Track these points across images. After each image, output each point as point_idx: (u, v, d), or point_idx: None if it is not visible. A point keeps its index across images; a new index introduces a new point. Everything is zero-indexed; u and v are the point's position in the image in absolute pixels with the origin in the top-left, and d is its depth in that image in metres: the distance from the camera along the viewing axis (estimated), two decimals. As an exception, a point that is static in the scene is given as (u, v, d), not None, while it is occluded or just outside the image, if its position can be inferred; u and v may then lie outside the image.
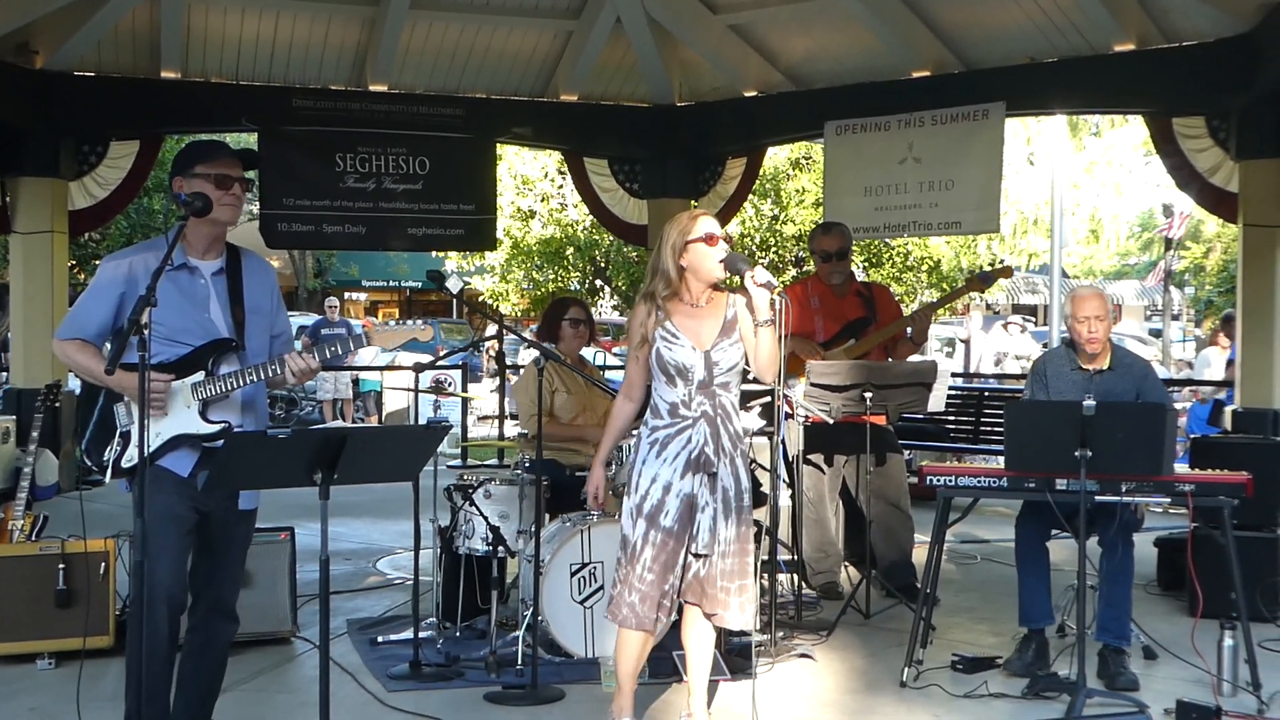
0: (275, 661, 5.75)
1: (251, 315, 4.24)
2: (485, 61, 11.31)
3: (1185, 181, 9.71)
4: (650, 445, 4.52)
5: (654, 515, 4.46)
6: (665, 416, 4.52)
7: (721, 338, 4.52)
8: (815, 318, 7.07)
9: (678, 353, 4.47)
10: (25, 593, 5.60)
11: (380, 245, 12.57)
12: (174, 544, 4.05)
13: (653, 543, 4.45)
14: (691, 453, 4.47)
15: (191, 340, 4.12)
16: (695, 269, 4.51)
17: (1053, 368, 5.83)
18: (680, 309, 4.55)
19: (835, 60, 10.92)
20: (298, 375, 4.11)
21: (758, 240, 18.89)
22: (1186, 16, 9.04)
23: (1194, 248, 30.00)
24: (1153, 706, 4.95)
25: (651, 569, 4.44)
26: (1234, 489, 5.17)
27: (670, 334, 4.50)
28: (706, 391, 4.50)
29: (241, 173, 4.20)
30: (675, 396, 4.50)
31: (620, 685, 4.65)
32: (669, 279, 4.53)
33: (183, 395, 4.09)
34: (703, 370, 4.48)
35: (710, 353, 4.49)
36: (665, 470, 4.47)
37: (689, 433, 4.48)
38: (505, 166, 18.86)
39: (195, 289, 4.18)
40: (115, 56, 10.54)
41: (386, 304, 36.63)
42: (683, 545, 4.46)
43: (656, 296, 4.54)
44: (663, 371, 4.51)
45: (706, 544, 4.46)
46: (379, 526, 9.24)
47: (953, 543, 8.46)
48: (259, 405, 4.33)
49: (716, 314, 4.57)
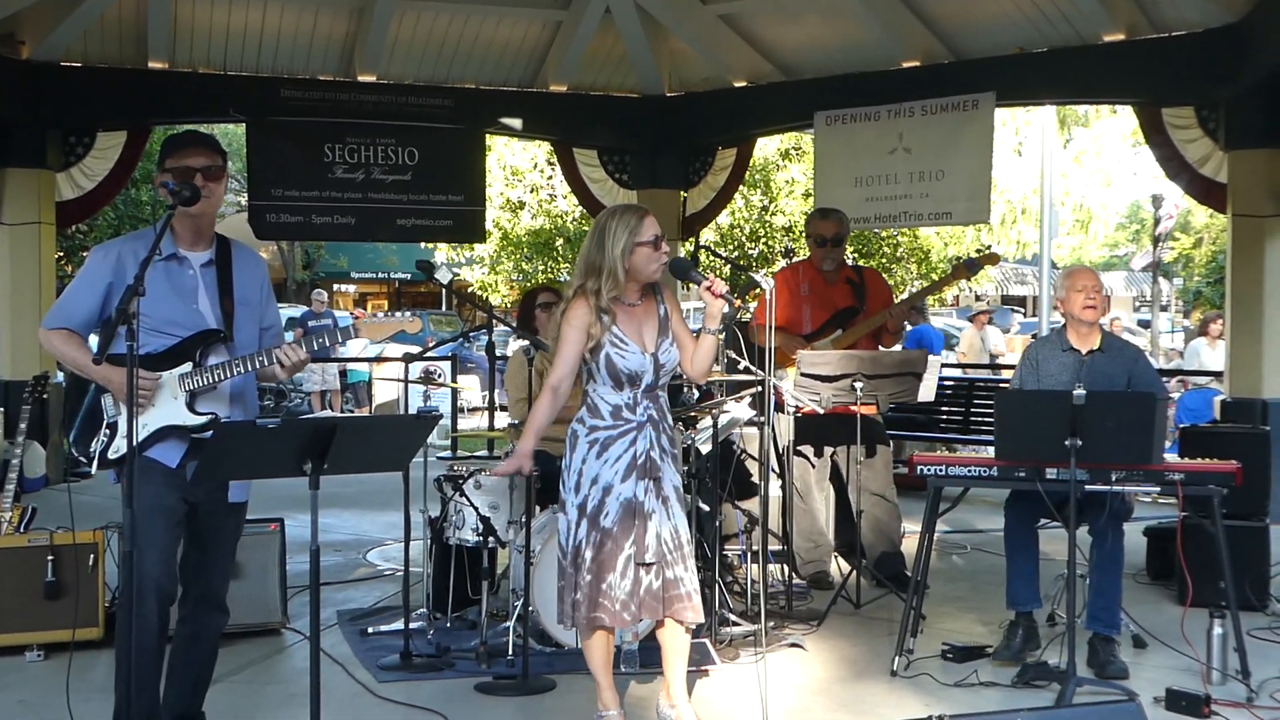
0: (265, 653, 5.74)
1: (240, 307, 4.22)
2: (474, 52, 11.29)
3: (1175, 172, 9.73)
4: (590, 445, 4.47)
5: (595, 516, 4.43)
6: (606, 418, 4.47)
7: (661, 338, 4.51)
8: (804, 306, 7.07)
9: (630, 359, 4.44)
10: (14, 585, 5.59)
11: (369, 236, 12.56)
12: (163, 535, 4.03)
13: (593, 543, 4.42)
14: (637, 457, 4.44)
15: (179, 331, 4.10)
16: (637, 272, 4.46)
17: (1043, 352, 5.83)
18: (621, 310, 4.49)
19: (825, 51, 10.92)
20: (287, 367, 4.09)
21: (748, 231, 18.87)
22: (1176, 7, 9.06)
23: (1183, 238, 30.07)
24: (1142, 695, 4.95)
25: (590, 569, 4.42)
26: (1223, 478, 5.18)
27: (619, 339, 4.44)
28: (651, 395, 4.49)
29: (206, 161, 4.10)
30: (620, 400, 4.47)
31: (598, 682, 4.62)
32: (616, 280, 4.43)
33: (170, 386, 4.07)
34: (651, 374, 4.47)
35: (656, 355, 4.48)
36: (606, 471, 4.44)
37: (633, 435, 4.45)
38: (494, 157, 18.82)
39: (184, 280, 4.15)
40: (102, 47, 10.50)
41: (375, 295, 36.57)
42: (621, 549, 4.41)
43: (602, 296, 4.43)
44: (612, 377, 4.46)
45: (655, 552, 4.41)
46: (369, 518, 9.23)
47: (943, 532, 8.47)
48: (248, 397, 4.31)
49: (651, 313, 4.54)
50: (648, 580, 4.42)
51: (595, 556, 4.42)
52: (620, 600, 4.41)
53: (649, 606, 4.45)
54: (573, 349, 4.46)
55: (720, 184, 11.97)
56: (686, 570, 4.49)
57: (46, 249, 10.70)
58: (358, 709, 5.02)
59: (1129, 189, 31.79)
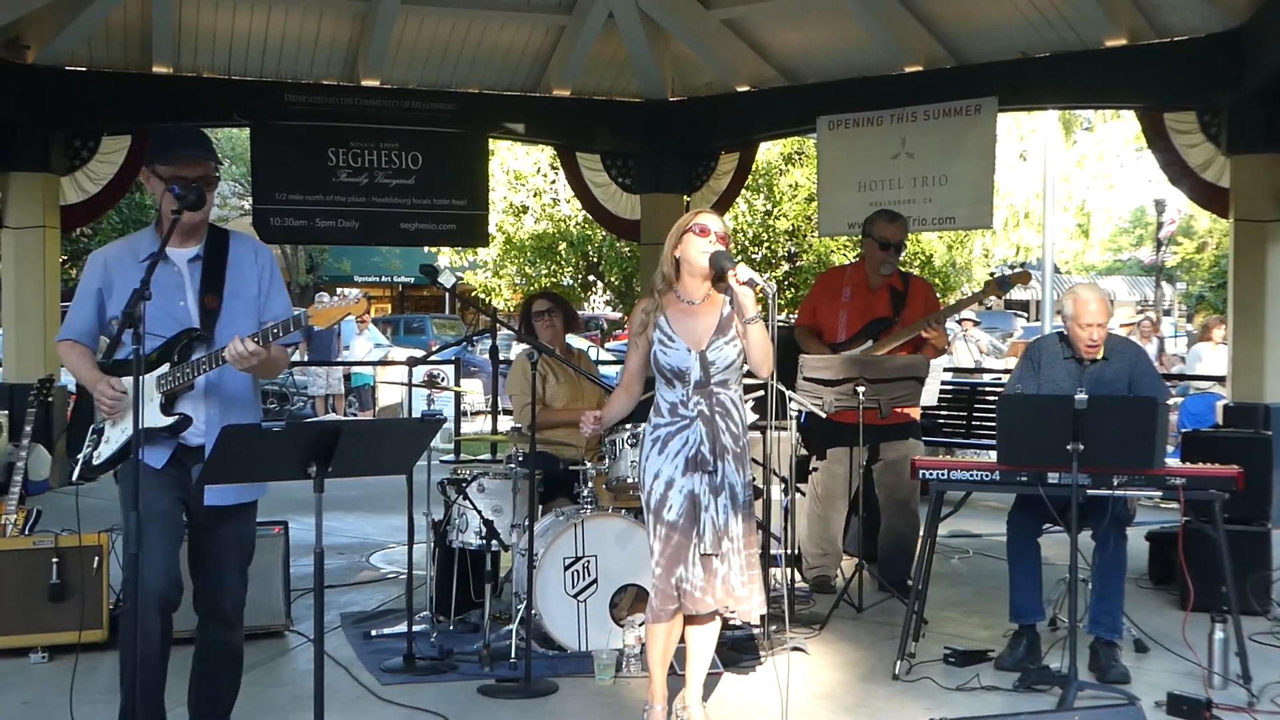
0: (269, 655, 5.75)
1: (232, 300, 4.15)
2: (477, 56, 11.31)
3: (1177, 177, 9.72)
4: (653, 442, 4.56)
5: (659, 510, 4.50)
6: (666, 415, 4.56)
7: (717, 336, 4.53)
8: (842, 311, 6.97)
9: (673, 356, 4.51)
10: (19, 587, 5.61)
11: (373, 240, 12.59)
12: (160, 542, 4.00)
13: (660, 537, 4.49)
14: (689, 452, 4.50)
15: (165, 332, 4.07)
16: (685, 259, 4.54)
17: (1046, 355, 5.82)
18: (677, 307, 4.57)
19: (828, 55, 10.93)
20: (234, 359, 3.92)
21: (750, 235, 18.88)
22: (1177, 11, 9.06)
23: (1186, 243, 30.06)
24: (1144, 699, 4.94)
25: (660, 562, 4.48)
26: (1225, 483, 5.17)
27: (666, 336, 4.53)
28: (703, 392, 4.52)
29: (203, 172, 4.07)
30: (675, 397, 4.55)
31: (651, 674, 4.67)
32: (666, 275, 4.58)
33: (146, 389, 4.00)
34: (699, 371, 4.50)
35: (705, 352, 4.51)
36: (667, 466, 4.51)
37: (686, 433, 4.51)
38: (497, 161, 18.83)
39: (169, 278, 4.10)
40: (106, 51, 10.53)
41: (379, 299, 36.59)
42: (689, 540, 4.47)
43: (655, 290, 4.61)
44: (660, 374, 4.56)
45: (712, 544, 4.48)
46: (372, 521, 9.24)
47: (945, 537, 8.47)
48: (240, 395, 4.20)
49: (713, 312, 4.58)
50: (723, 570, 4.49)
51: (663, 550, 4.48)
52: (699, 587, 4.47)
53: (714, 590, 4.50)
54: (635, 348, 4.65)
55: (723, 188, 11.98)
56: (749, 566, 4.56)
57: (51, 253, 10.72)
58: (361, 711, 5.03)
59: (1132, 193, 31.80)
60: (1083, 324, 5.61)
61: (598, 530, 5.68)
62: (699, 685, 4.71)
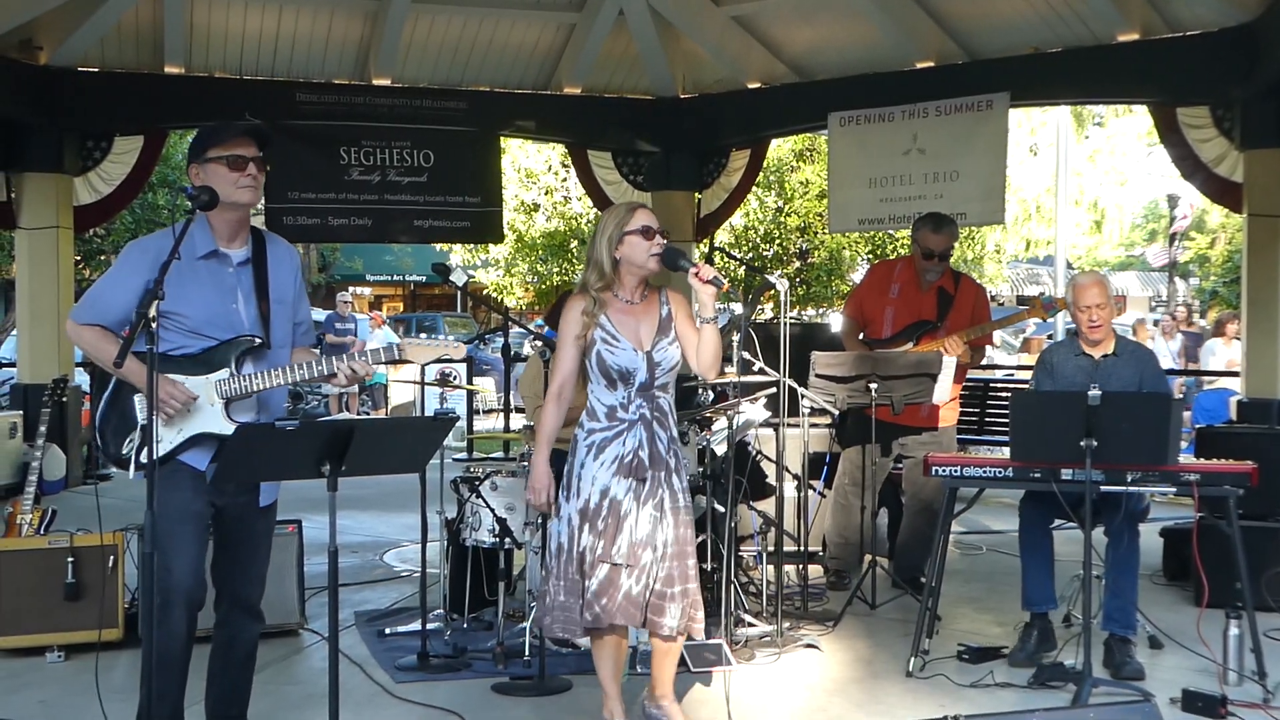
0: (284, 654, 5.77)
1: (276, 306, 4.14)
2: (488, 55, 11.33)
3: (1190, 172, 9.70)
4: (588, 449, 4.41)
5: (594, 519, 4.37)
6: (602, 420, 4.42)
7: (660, 337, 4.43)
8: (888, 308, 6.91)
9: (620, 356, 4.37)
10: (34, 586, 5.63)
11: (386, 237, 12.63)
12: (191, 543, 3.99)
13: (590, 548, 4.36)
14: (624, 456, 4.37)
15: (216, 334, 4.02)
16: (629, 261, 4.39)
17: (1059, 356, 5.83)
18: (616, 306, 4.43)
19: (839, 51, 10.92)
20: (349, 380, 4.02)
21: (762, 233, 18.87)
22: (1190, 6, 9.04)
23: (1199, 238, 29.95)
24: (1158, 695, 4.94)
25: (594, 573, 4.35)
26: (1239, 479, 5.17)
27: (610, 335, 4.38)
28: (646, 394, 4.42)
29: (256, 151, 4.04)
30: (614, 400, 4.41)
31: (605, 690, 4.59)
32: (602, 271, 4.40)
33: (206, 393, 3.99)
34: (645, 372, 4.39)
35: (651, 353, 4.40)
36: (603, 473, 4.38)
37: (625, 437, 4.39)
38: (509, 159, 18.83)
39: (224, 278, 4.06)
40: (119, 52, 10.57)
41: (391, 298, 36.66)
42: (606, 549, 4.33)
43: (590, 289, 4.41)
44: (604, 375, 4.40)
45: (625, 553, 4.33)
46: (386, 519, 9.26)
47: (958, 533, 8.47)
48: (274, 401, 4.23)
49: (652, 312, 4.47)
50: (627, 584, 4.33)
51: (579, 560, 4.36)
52: (586, 600, 4.35)
53: (624, 611, 4.34)
54: (569, 349, 4.43)
55: (734, 185, 11.98)
56: (675, 580, 4.38)
57: (65, 253, 10.76)
58: (375, 709, 5.04)
59: (1145, 188, 31.67)
60: (1082, 306, 5.64)
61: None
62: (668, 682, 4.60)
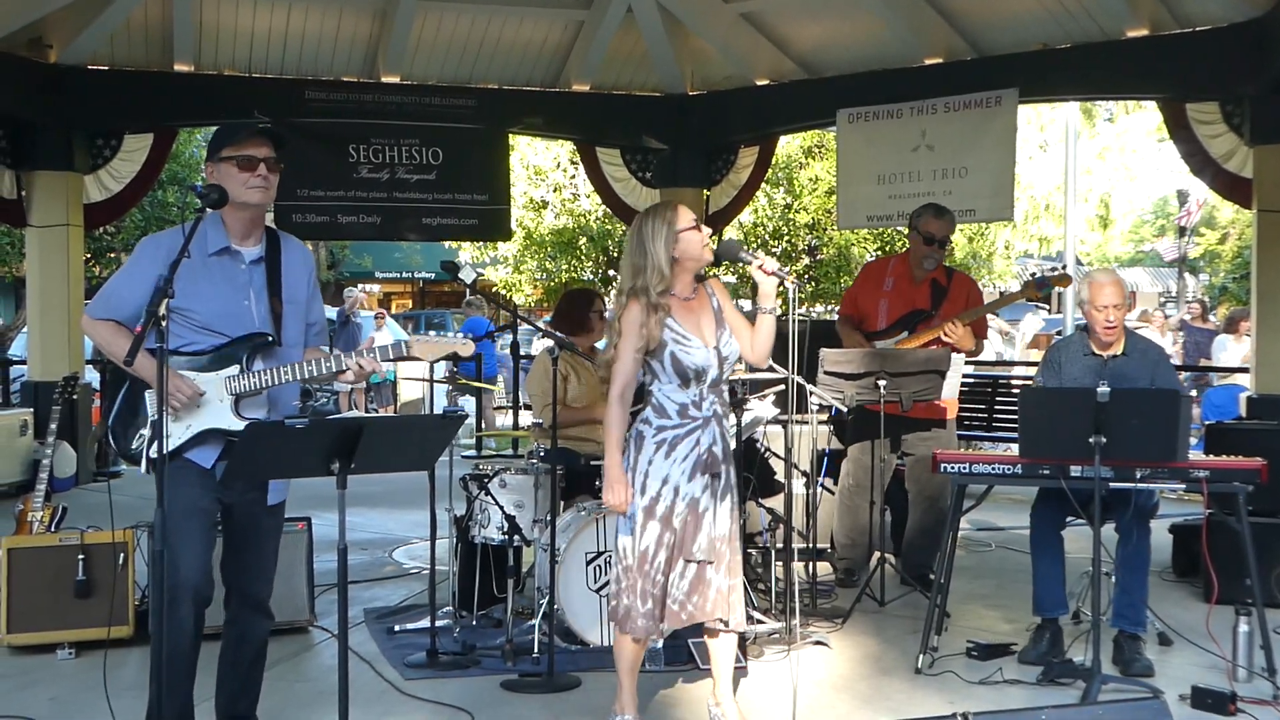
0: (293, 651, 5.78)
1: (288, 305, 4.16)
2: (497, 52, 11.33)
3: (1199, 167, 9.67)
4: (657, 446, 4.41)
5: (667, 518, 4.39)
6: (674, 417, 4.42)
7: (720, 330, 4.47)
8: (882, 301, 6.94)
9: (695, 355, 4.39)
10: (45, 583, 5.65)
11: (395, 235, 12.65)
12: (198, 539, 4.01)
13: (665, 545, 4.39)
14: (700, 454, 4.41)
15: (228, 330, 4.04)
16: (688, 258, 4.41)
17: (1066, 355, 5.79)
18: (677, 305, 4.44)
19: (847, 48, 10.91)
20: (357, 376, 4.02)
21: (770, 229, 18.86)
22: (1199, 2, 9.02)
23: (1209, 234, 29.88)
24: (1168, 692, 4.95)
25: (663, 572, 4.40)
26: (1249, 475, 5.15)
27: (680, 335, 4.39)
28: (716, 390, 4.46)
29: (268, 152, 4.06)
30: (686, 397, 4.42)
31: (621, 683, 4.60)
32: (663, 273, 4.37)
33: (216, 389, 4.02)
34: (716, 368, 4.43)
35: (719, 348, 4.44)
36: (675, 471, 4.39)
37: (698, 434, 4.41)
38: (517, 157, 18.83)
39: (237, 276, 4.09)
40: (128, 50, 10.59)
41: (400, 295, 36.68)
42: (684, 548, 4.39)
43: (651, 293, 4.37)
44: (679, 375, 4.40)
45: (706, 550, 4.39)
46: (395, 516, 9.27)
47: (967, 530, 8.46)
48: (284, 399, 4.25)
49: (705, 306, 4.50)
50: (716, 580, 4.43)
51: (668, 559, 4.40)
52: (679, 600, 4.42)
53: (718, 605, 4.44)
54: (632, 353, 4.40)
55: (743, 182, 11.96)
56: (734, 570, 4.51)
57: (75, 251, 10.79)
58: (385, 706, 5.06)
59: (1155, 184, 31.61)
60: (1098, 305, 5.57)
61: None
62: (728, 682, 4.67)
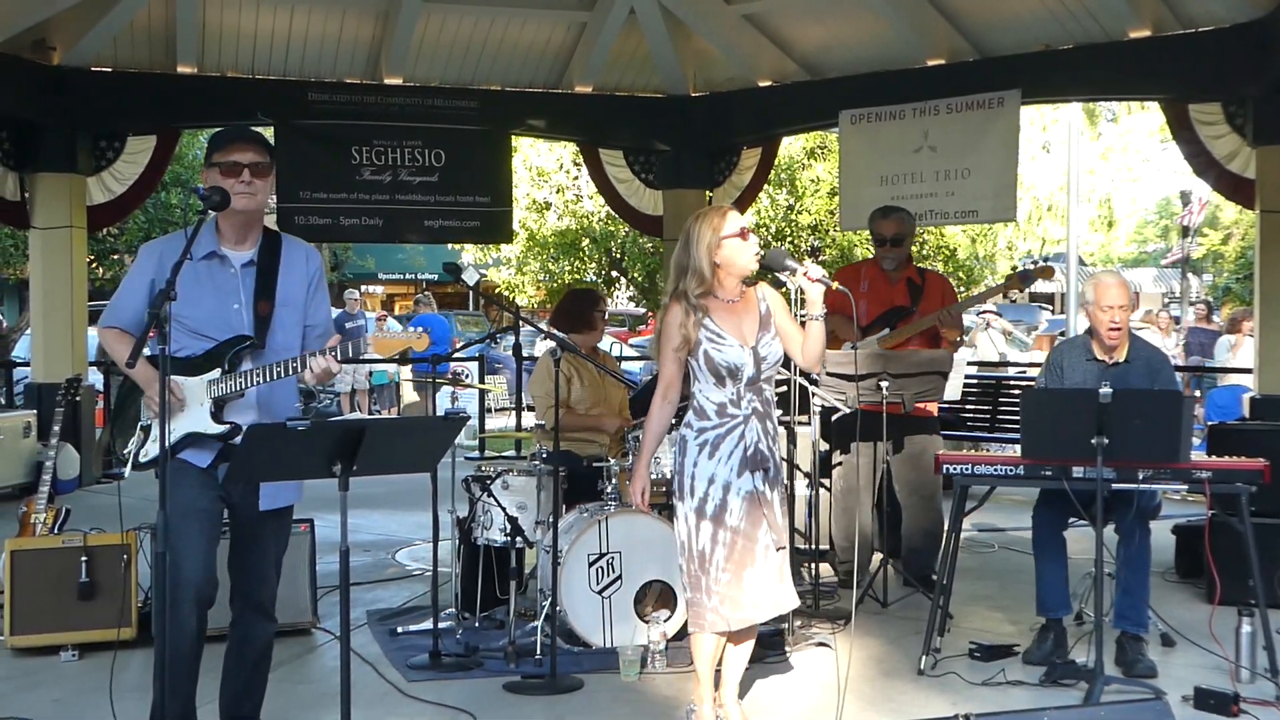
0: (296, 652, 5.79)
1: (281, 308, 4.17)
2: (499, 54, 11.34)
3: (1202, 168, 9.66)
4: (699, 447, 4.48)
5: (719, 515, 4.44)
6: (713, 417, 4.49)
7: (762, 332, 4.52)
8: (860, 302, 6.88)
9: (728, 353, 4.45)
10: (49, 585, 5.66)
11: (397, 238, 12.65)
12: (199, 539, 4.02)
13: (723, 543, 4.43)
14: (746, 451, 4.46)
15: (216, 334, 4.07)
16: (730, 265, 4.48)
17: (1068, 359, 5.77)
18: (717, 306, 4.51)
19: (850, 49, 10.91)
20: (317, 375, 3.96)
21: (773, 230, 18.86)
22: (1202, 2, 9.01)
23: (1211, 234, 29.86)
24: (1171, 693, 4.94)
25: (726, 569, 4.43)
26: (1252, 476, 5.15)
27: (716, 334, 4.46)
28: (754, 388, 4.50)
29: (254, 157, 4.08)
30: (723, 396, 4.48)
31: (700, 678, 4.61)
32: (703, 277, 4.47)
33: (197, 393, 4.04)
34: (752, 367, 4.48)
35: (756, 348, 4.49)
36: (722, 469, 4.45)
37: (741, 430, 4.47)
38: (520, 158, 18.84)
39: (224, 280, 4.12)
40: (131, 52, 10.60)
41: (403, 297, 36.70)
42: (755, 541, 4.45)
43: (690, 296, 4.48)
44: (712, 373, 4.47)
45: (778, 539, 4.51)
46: (397, 518, 9.28)
47: (970, 531, 8.46)
48: (275, 403, 4.21)
49: (751, 309, 4.56)
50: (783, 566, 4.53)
51: (729, 555, 4.43)
52: (762, 592, 4.47)
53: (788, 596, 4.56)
54: (672, 353, 4.51)
55: (745, 183, 11.96)
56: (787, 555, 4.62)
57: (78, 253, 10.80)
58: (387, 708, 5.06)
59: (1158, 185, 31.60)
60: (1104, 306, 5.54)
61: (622, 526, 5.69)
62: (735, 685, 4.69)
